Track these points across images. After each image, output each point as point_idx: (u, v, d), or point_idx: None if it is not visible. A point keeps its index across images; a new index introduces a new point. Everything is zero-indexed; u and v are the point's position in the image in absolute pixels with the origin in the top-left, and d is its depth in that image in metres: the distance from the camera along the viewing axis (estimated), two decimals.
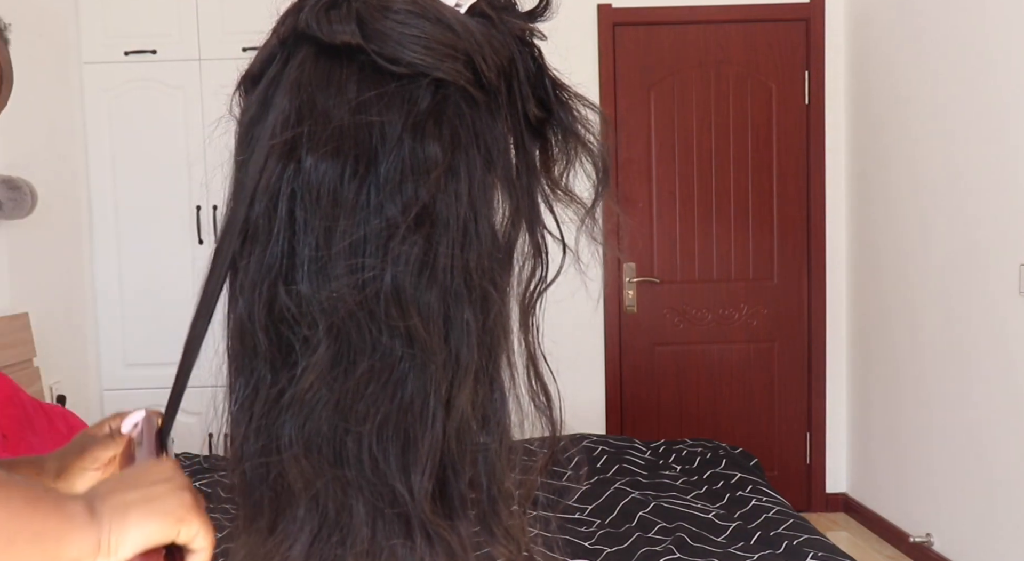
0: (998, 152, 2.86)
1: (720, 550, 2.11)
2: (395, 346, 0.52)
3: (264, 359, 0.53)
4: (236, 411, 0.55)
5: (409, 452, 0.52)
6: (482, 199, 0.53)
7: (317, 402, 0.52)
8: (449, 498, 0.54)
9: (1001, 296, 2.84)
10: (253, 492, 0.55)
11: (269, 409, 0.53)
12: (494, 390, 0.55)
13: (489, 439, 0.55)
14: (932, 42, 3.23)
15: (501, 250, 0.55)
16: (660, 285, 3.94)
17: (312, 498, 0.53)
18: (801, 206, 3.94)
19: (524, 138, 0.56)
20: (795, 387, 4.00)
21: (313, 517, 0.53)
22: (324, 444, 0.52)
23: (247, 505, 0.56)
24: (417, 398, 0.52)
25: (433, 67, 0.51)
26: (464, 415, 0.53)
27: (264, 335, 0.53)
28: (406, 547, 0.53)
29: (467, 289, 0.53)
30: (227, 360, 0.56)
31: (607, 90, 3.84)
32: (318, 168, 0.51)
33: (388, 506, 0.52)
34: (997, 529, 2.90)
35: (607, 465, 2.80)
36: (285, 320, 0.53)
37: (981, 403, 2.97)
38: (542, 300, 0.57)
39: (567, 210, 0.58)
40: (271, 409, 0.53)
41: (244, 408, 0.55)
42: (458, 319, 0.53)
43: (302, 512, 0.53)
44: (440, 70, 0.51)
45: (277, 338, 0.53)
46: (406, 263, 0.51)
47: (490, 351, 0.54)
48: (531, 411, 0.56)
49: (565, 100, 0.57)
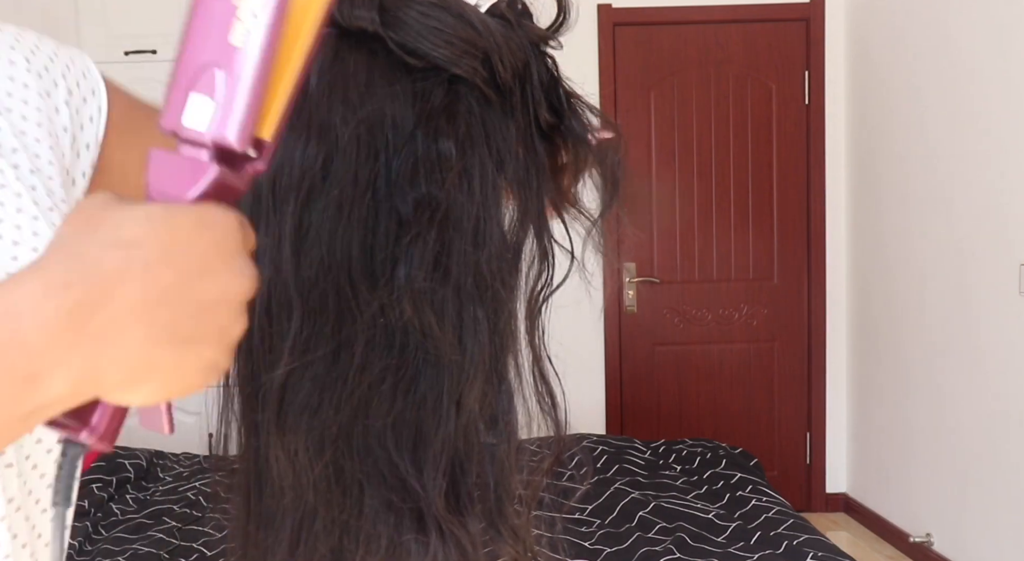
0: (999, 151, 2.86)
1: (720, 550, 2.11)
2: (408, 342, 0.52)
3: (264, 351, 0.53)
4: (243, 405, 0.55)
5: (421, 449, 0.53)
6: (493, 199, 0.53)
7: (331, 396, 0.52)
8: (459, 496, 0.54)
9: (1001, 296, 2.84)
10: (260, 486, 0.55)
11: (270, 398, 0.53)
12: (502, 390, 0.55)
13: (497, 439, 0.55)
14: (932, 41, 3.23)
15: (510, 251, 0.55)
16: (660, 285, 3.94)
17: (309, 492, 0.53)
18: (801, 206, 3.94)
19: (535, 143, 0.56)
20: (795, 387, 4.00)
21: (307, 511, 0.53)
22: (338, 439, 0.52)
23: (252, 501, 0.56)
24: (430, 395, 0.52)
25: (451, 62, 0.51)
26: (472, 414, 0.53)
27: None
28: (419, 543, 0.53)
29: (478, 289, 0.53)
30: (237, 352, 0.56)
31: (607, 90, 3.83)
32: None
33: (401, 502, 0.52)
34: (997, 529, 2.90)
35: (607, 465, 2.80)
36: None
37: (982, 403, 2.97)
38: (548, 303, 0.57)
39: (574, 217, 0.58)
40: (278, 401, 0.53)
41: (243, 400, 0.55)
42: (470, 318, 0.53)
43: (296, 506, 0.53)
44: (458, 66, 0.51)
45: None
46: (420, 260, 0.51)
47: (499, 351, 0.54)
48: (536, 412, 0.57)
49: (577, 109, 0.57)
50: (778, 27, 3.88)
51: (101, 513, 2.49)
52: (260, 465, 0.55)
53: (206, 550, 2.21)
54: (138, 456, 2.93)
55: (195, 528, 2.37)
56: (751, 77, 3.89)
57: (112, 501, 2.61)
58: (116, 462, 2.84)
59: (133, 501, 2.62)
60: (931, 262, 3.26)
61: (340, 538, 0.54)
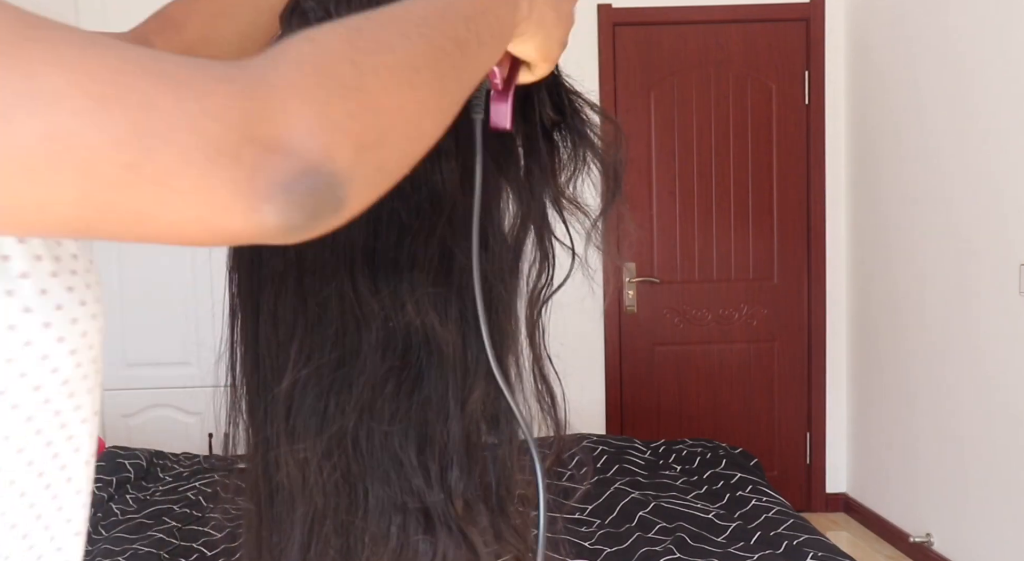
0: (999, 151, 2.86)
1: (720, 550, 2.11)
2: (412, 344, 0.52)
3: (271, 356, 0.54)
4: (248, 409, 0.55)
5: (427, 448, 0.53)
6: (494, 200, 0.53)
7: (337, 401, 0.52)
8: (464, 495, 0.54)
9: (1001, 296, 2.85)
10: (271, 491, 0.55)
11: (278, 403, 0.53)
12: (503, 391, 0.55)
13: (498, 439, 0.55)
14: (933, 41, 3.23)
15: (510, 252, 0.55)
16: (660, 285, 3.94)
17: (319, 495, 0.53)
18: (801, 206, 3.94)
19: (537, 142, 0.56)
20: (795, 387, 4.00)
21: (317, 514, 0.54)
22: (340, 440, 0.52)
23: (264, 505, 0.56)
24: (434, 396, 0.53)
25: None
26: (475, 415, 0.53)
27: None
28: (427, 542, 0.53)
29: (480, 290, 0.53)
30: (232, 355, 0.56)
31: (607, 90, 3.84)
32: None
33: (408, 501, 0.53)
34: (997, 529, 2.90)
35: (607, 465, 2.80)
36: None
37: (982, 403, 2.97)
38: (549, 304, 0.57)
39: (575, 215, 0.58)
40: (287, 409, 0.53)
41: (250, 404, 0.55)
42: (472, 319, 0.53)
43: (307, 508, 0.54)
44: None
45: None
46: (422, 263, 0.51)
47: (500, 353, 0.55)
48: (536, 412, 0.57)
49: (579, 107, 0.57)
50: (778, 27, 3.88)
51: (101, 513, 2.49)
52: (270, 470, 0.55)
53: (206, 550, 2.21)
54: (138, 456, 2.94)
55: (195, 528, 2.37)
56: (751, 77, 3.89)
57: (112, 501, 2.61)
58: (116, 462, 2.84)
59: (133, 501, 2.62)
60: (931, 262, 3.26)
61: (349, 539, 0.54)
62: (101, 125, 0.31)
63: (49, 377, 0.44)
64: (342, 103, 0.36)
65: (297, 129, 0.34)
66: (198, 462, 2.99)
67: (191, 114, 0.33)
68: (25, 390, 0.43)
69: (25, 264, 0.44)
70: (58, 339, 0.44)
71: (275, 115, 0.34)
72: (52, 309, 0.44)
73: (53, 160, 0.31)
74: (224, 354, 0.56)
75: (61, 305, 0.45)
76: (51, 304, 0.44)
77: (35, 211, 0.32)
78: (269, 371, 0.53)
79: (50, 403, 0.45)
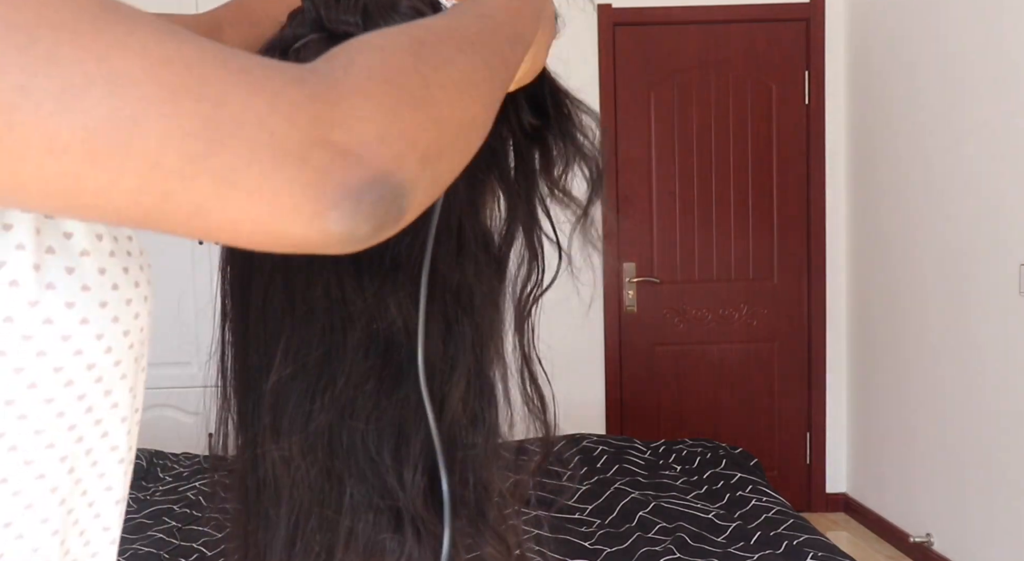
0: (998, 151, 2.86)
1: (720, 550, 2.11)
2: (393, 343, 0.52)
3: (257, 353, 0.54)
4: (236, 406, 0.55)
5: (403, 448, 0.53)
6: (479, 202, 0.54)
7: (322, 398, 0.52)
8: (439, 496, 0.54)
9: (1001, 296, 2.84)
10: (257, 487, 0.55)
11: (263, 400, 0.53)
12: (484, 391, 0.55)
13: (477, 440, 0.55)
14: (932, 41, 3.23)
15: (496, 253, 0.55)
16: (660, 285, 3.94)
17: (303, 491, 0.53)
18: (801, 206, 3.94)
19: (522, 143, 0.56)
20: (795, 387, 4.00)
21: (301, 510, 0.54)
22: (320, 437, 0.53)
23: (250, 501, 0.56)
24: (413, 395, 0.53)
25: None
26: (455, 415, 0.54)
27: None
28: (395, 541, 0.53)
29: (463, 291, 0.53)
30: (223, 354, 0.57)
31: (607, 90, 3.84)
32: None
33: (380, 500, 0.53)
34: (997, 529, 2.90)
35: (607, 465, 2.80)
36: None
37: (981, 403, 2.97)
38: (538, 304, 0.57)
39: (563, 214, 0.58)
40: (272, 406, 0.53)
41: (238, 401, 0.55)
42: (454, 320, 0.53)
43: (291, 505, 0.54)
44: None
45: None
46: (405, 263, 0.51)
47: (483, 353, 0.55)
48: (526, 413, 0.57)
49: (562, 106, 0.57)
50: (778, 27, 3.88)
51: None
52: (256, 467, 0.55)
53: (206, 550, 2.22)
54: (138, 456, 2.94)
55: (195, 528, 2.37)
56: (751, 77, 3.89)
57: None
58: None
59: (133, 501, 2.62)
60: (931, 262, 3.25)
61: (333, 536, 0.54)
62: (170, 115, 0.31)
63: (102, 357, 0.44)
64: (412, 114, 0.36)
65: (369, 136, 0.34)
66: (198, 462, 2.99)
67: (260, 112, 0.32)
68: (79, 368, 0.43)
69: (87, 242, 0.44)
70: (113, 319, 0.44)
71: (347, 120, 0.34)
72: (109, 289, 0.44)
73: (117, 146, 0.31)
74: (215, 352, 0.57)
75: (117, 285, 0.45)
76: (108, 284, 0.44)
77: (93, 196, 0.32)
78: (256, 368, 0.54)
79: (101, 382, 0.45)
